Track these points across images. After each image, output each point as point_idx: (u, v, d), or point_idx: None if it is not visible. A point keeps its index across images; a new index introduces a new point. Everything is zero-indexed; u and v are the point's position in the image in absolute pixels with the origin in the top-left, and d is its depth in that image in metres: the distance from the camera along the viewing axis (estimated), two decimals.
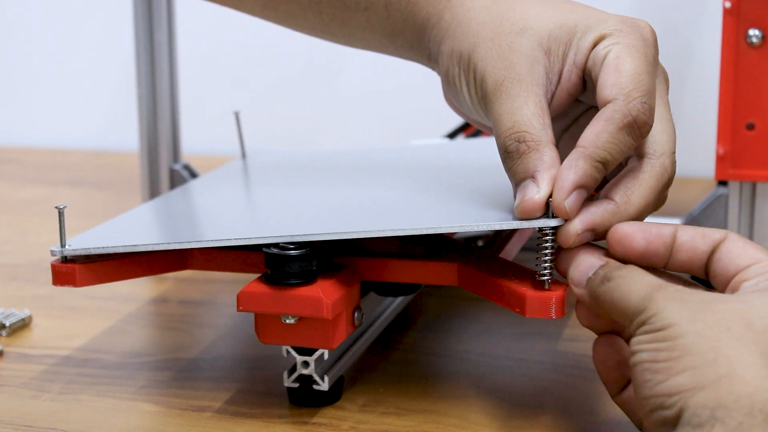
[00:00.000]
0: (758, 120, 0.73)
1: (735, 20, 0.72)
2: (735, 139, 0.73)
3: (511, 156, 0.53)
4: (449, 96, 0.60)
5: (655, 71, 0.54)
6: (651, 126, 0.53)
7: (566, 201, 0.52)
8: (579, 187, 0.52)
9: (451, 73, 0.57)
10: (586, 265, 0.52)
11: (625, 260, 0.52)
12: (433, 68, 0.61)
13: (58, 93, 1.39)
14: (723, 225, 0.76)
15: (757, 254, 0.50)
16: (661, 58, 0.57)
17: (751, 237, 0.75)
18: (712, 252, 0.51)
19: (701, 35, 1.13)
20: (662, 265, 0.52)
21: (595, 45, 0.54)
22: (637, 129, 0.52)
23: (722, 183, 0.76)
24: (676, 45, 0.55)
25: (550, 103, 0.55)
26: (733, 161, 0.74)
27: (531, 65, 0.54)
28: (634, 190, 0.53)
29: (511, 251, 0.64)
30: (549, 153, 0.53)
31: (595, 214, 0.52)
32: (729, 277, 0.50)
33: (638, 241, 0.51)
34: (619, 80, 0.52)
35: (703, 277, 0.52)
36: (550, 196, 0.52)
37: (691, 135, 0.56)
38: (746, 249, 0.50)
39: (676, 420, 0.44)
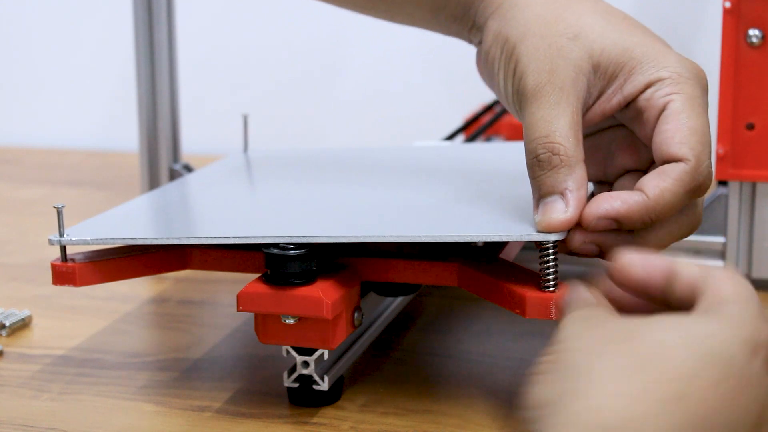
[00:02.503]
0: (758, 120, 0.73)
1: (735, 20, 0.72)
2: (735, 139, 0.73)
3: (542, 165, 0.52)
4: (482, 69, 0.59)
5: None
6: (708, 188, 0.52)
7: (595, 221, 0.51)
8: (616, 219, 0.51)
9: (492, 53, 0.56)
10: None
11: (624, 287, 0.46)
12: (470, 40, 0.60)
13: (57, 93, 1.39)
14: (723, 225, 0.76)
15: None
16: None
17: (751, 237, 0.75)
18: None
19: (701, 35, 1.13)
20: (659, 298, 0.45)
21: (652, 84, 0.53)
22: (700, 192, 0.52)
23: (722, 183, 0.76)
24: (676, 45, 0.55)
25: (582, 117, 0.54)
26: (733, 161, 0.73)
27: (576, 75, 0.53)
28: (668, 188, 0.52)
29: (511, 252, 0.64)
30: (580, 172, 0.52)
31: (623, 201, 0.52)
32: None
33: (637, 272, 0.45)
34: (687, 139, 0.51)
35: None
36: None
37: None
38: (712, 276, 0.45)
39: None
